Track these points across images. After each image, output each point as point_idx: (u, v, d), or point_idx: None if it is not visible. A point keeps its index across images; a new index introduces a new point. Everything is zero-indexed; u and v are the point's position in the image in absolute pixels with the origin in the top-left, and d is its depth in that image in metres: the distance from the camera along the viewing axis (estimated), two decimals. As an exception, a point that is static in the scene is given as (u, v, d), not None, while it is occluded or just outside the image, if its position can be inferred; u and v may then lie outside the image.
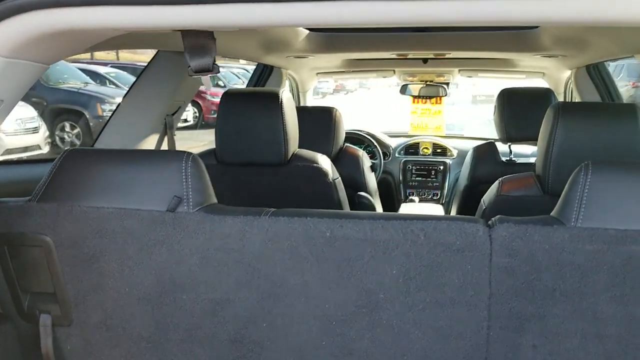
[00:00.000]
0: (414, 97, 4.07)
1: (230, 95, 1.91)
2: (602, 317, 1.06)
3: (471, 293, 1.10)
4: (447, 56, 2.97)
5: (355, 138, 3.88)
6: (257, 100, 1.86)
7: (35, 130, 8.69)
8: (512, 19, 0.89)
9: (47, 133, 9.15)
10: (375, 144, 3.83)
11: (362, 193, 2.44)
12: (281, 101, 1.80)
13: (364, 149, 3.87)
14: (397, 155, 3.97)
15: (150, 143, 2.14)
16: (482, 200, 1.92)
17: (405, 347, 1.16)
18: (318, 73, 3.75)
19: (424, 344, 1.15)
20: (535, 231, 1.04)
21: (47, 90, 10.38)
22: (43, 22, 0.94)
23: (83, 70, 11.67)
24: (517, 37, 2.40)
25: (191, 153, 1.19)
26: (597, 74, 2.80)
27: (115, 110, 2.10)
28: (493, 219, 1.10)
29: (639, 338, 1.06)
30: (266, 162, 1.87)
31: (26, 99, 9.63)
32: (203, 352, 1.22)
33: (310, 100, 4.05)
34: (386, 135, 4.15)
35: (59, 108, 10.28)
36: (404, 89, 4.01)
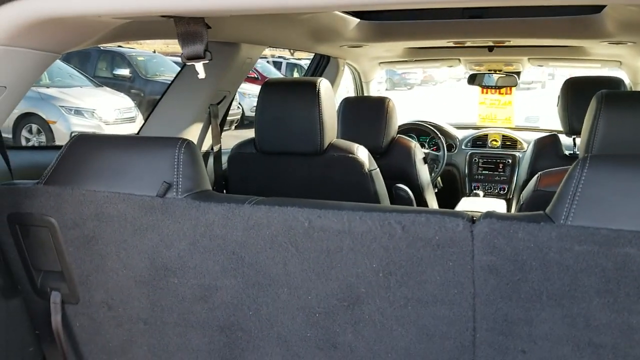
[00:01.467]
0: (483, 87, 3.90)
1: (270, 85, 1.93)
2: (595, 324, 0.96)
3: (454, 291, 1.04)
4: (506, 44, 2.81)
5: (419, 129, 3.80)
6: (295, 90, 1.87)
7: (132, 119, 9.26)
8: None
9: (143, 122, 9.73)
10: (440, 135, 3.72)
11: (400, 185, 2.38)
12: (318, 90, 1.80)
13: (428, 141, 3.78)
14: (463, 147, 3.84)
15: (194, 132, 2.21)
16: (520, 195, 1.81)
17: (388, 345, 1.12)
18: (380, 63, 3.69)
19: (407, 342, 1.11)
20: (519, 228, 0.97)
21: (144, 82, 11.06)
22: (36, 10, 0.99)
23: (178, 63, 12.29)
24: (579, 22, 2.23)
25: (187, 140, 1.22)
26: None
27: (159, 100, 2.19)
28: (481, 214, 1.03)
29: (638, 349, 0.95)
30: (303, 151, 1.87)
31: (125, 90, 10.31)
32: (196, 337, 1.25)
33: (374, 91, 4.00)
34: (453, 127, 4.02)
35: (154, 99, 10.89)
36: (472, 79, 3.86)
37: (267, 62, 15.23)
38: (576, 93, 2.31)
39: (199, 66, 1.19)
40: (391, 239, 1.05)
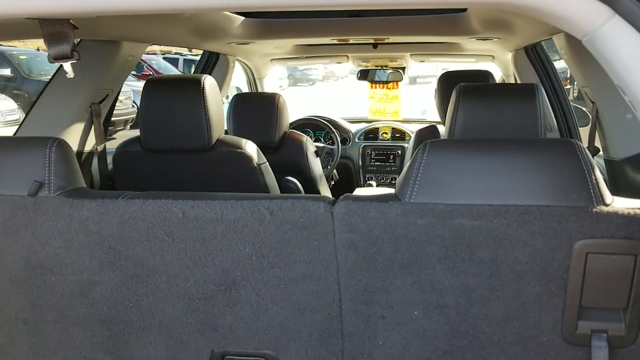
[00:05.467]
0: (372, 82, 4.10)
1: (153, 82, 1.93)
2: (440, 287, 1.10)
3: (320, 268, 1.14)
4: (387, 41, 2.99)
5: (314, 124, 3.92)
6: (179, 87, 1.89)
7: (16, 122, 8.69)
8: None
9: (19, 124, 9.17)
10: (334, 129, 3.87)
11: (289, 177, 2.47)
12: (203, 87, 1.82)
13: (323, 136, 3.92)
14: (356, 140, 4.01)
15: (74, 132, 2.16)
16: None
17: (265, 322, 1.20)
18: (272, 60, 3.76)
19: (282, 319, 1.19)
20: (371, 207, 1.08)
21: (28, 82, 10.39)
22: None
23: (66, 62, 11.63)
24: (448, 21, 2.42)
25: (58, 139, 1.22)
26: (535, 55, 2.82)
27: (36, 100, 2.13)
28: (340, 197, 1.14)
29: (476, 307, 1.10)
30: (190, 148, 1.89)
31: (7, 91, 9.63)
32: (78, 333, 1.26)
33: (270, 88, 4.07)
34: (347, 121, 4.19)
35: (41, 100, 10.27)
36: (362, 75, 4.04)
37: (164, 58, 14.82)
38: (450, 86, 2.50)
39: (67, 66, 1.20)
40: (261, 224, 1.12)
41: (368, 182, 3.95)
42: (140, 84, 11.16)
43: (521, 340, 1.12)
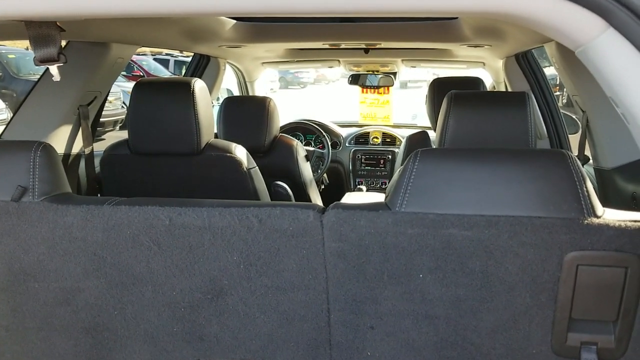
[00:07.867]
0: (363, 86, 4.10)
1: (142, 85, 1.91)
2: (430, 298, 1.09)
3: (309, 277, 1.12)
4: (378, 46, 2.99)
5: (305, 128, 3.91)
6: (169, 90, 1.87)
7: (3, 122, 8.62)
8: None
9: (5, 126, 9.12)
10: (324, 133, 3.86)
11: (278, 182, 2.46)
12: (193, 90, 1.81)
13: (314, 139, 3.91)
14: (347, 144, 4.01)
15: (62, 134, 2.14)
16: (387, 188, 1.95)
17: (252, 332, 1.18)
18: (263, 63, 3.75)
19: (269, 328, 1.17)
20: (361, 216, 1.06)
21: (17, 82, 10.30)
22: None
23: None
24: (440, 27, 2.43)
25: (43, 143, 1.19)
26: (525, 62, 2.84)
27: (23, 101, 2.10)
28: (330, 206, 1.12)
29: (466, 318, 1.09)
30: (179, 151, 1.87)
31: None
32: (61, 341, 1.23)
33: (261, 91, 4.05)
34: (337, 125, 4.18)
35: (29, 99, 10.20)
36: (353, 80, 4.04)
37: (154, 59, 14.74)
38: (441, 92, 2.51)
39: (54, 69, 1.18)
40: (249, 232, 1.11)
41: (358, 186, 3.94)
42: (130, 85, 11.11)
43: (511, 351, 1.11)
